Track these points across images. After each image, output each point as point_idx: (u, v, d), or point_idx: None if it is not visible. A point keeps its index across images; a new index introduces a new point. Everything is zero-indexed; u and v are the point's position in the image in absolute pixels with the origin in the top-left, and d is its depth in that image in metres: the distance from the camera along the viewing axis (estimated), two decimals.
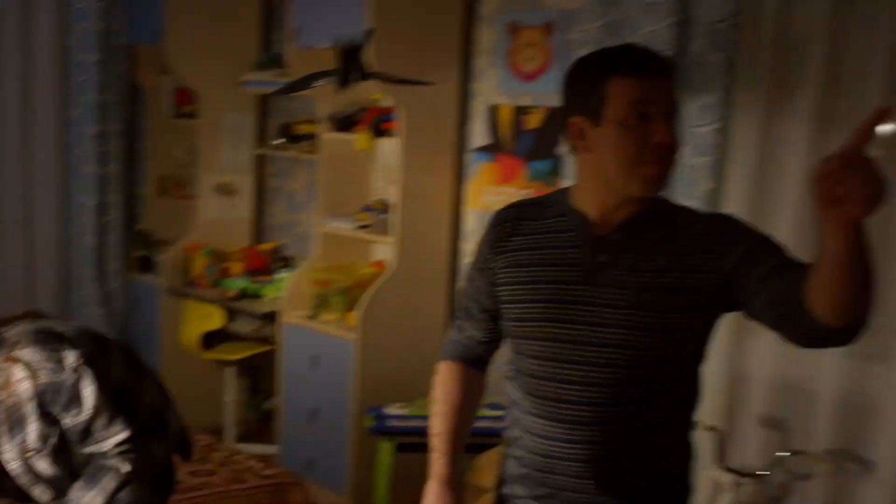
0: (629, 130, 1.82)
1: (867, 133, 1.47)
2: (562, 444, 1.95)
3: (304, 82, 3.38)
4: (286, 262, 5.26)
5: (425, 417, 3.85)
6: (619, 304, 1.90)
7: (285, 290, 4.58)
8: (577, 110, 1.88)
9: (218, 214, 5.29)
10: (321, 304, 4.47)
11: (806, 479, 3.39)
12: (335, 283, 4.46)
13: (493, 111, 4.32)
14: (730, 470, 3.31)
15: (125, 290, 5.45)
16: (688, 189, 3.36)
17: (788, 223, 3.32)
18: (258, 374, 5.42)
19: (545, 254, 1.99)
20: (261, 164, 5.46)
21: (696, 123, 3.35)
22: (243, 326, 5.00)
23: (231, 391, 5.03)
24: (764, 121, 3.39)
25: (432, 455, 2.14)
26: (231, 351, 5.00)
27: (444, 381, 2.20)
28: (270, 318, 4.75)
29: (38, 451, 2.28)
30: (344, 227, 4.50)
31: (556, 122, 4.06)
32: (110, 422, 2.28)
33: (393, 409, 3.96)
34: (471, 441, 2.21)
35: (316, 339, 4.43)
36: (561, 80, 1.94)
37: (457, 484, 2.14)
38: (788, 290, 1.74)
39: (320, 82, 3.34)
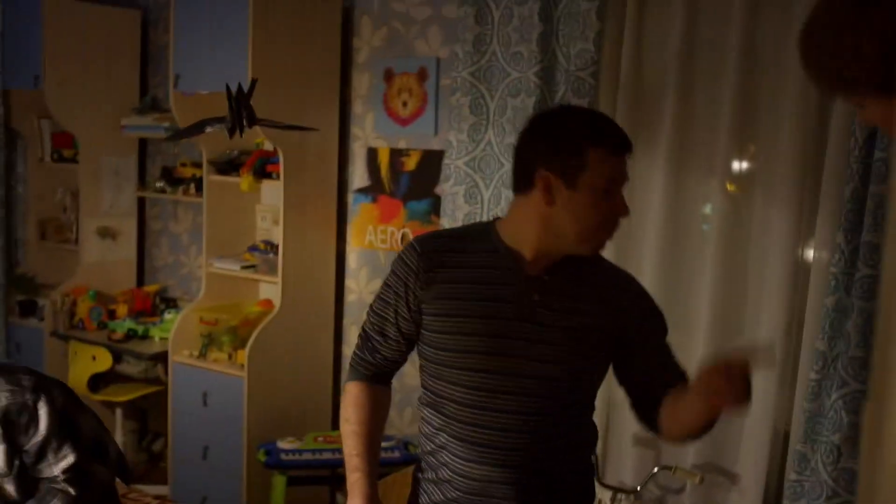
0: (600, 202, 1.98)
1: (751, 360, 1.87)
2: (492, 469, 2.08)
3: (197, 127, 3.46)
4: (171, 303, 5.33)
5: (316, 451, 4.03)
6: (553, 340, 2.05)
7: (173, 331, 4.64)
8: (548, 165, 1.98)
9: (101, 257, 5.32)
10: (210, 342, 4.56)
11: (678, 492, 3.64)
12: (223, 322, 4.55)
13: (372, 154, 4.50)
14: (607, 486, 3.51)
15: (7, 335, 5.43)
16: None
17: (650, 255, 3.59)
18: (146, 415, 5.47)
19: (477, 288, 2.09)
20: (143, 206, 5.51)
21: None
22: (131, 368, 5.03)
23: (119, 432, 5.06)
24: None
25: (353, 475, 2.15)
26: (119, 392, 5.02)
27: (358, 402, 2.22)
28: (158, 358, 4.81)
29: (5, 475, 2.34)
30: (230, 267, 4.58)
31: (432, 163, 4.27)
32: (60, 446, 2.35)
33: (284, 444, 4.08)
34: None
35: (205, 377, 4.49)
36: (528, 130, 2.05)
37: (379, 502, 2.21)
38: (653, 388, 2.14)
39: (213, 128, 3.44)
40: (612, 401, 3.65)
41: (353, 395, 2.23)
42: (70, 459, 2.37)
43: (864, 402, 2.94)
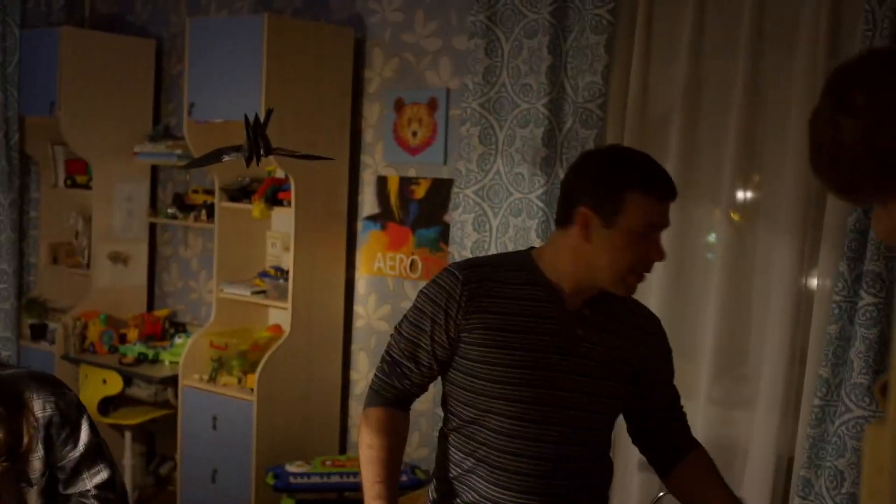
0: (635, 244, 2.02)
1: None
2: (519, 496, 2.13)
3: (214, 156, 3.53)
4: (180, 328, 5.38)
5: (324, 475, 4.07)
6: (593, 373, 2.13)
7: (183, 355, 4.70)
8: (588, 203, 2.03)
9: (112, 282, 5.39)
10: (220, 367, 4.61)
11: None
12: (233, 346, 4.61)
13: (382, 182, 4.58)
14: None
15: (18, 358, 5.48)
16: None
17: (655, 283, 3.64)
18: (154, 439, 5.52)
19: (520, 321, 2.11)
20: (154, 232, 5.59)
21: None
22: (141, 391, 5.08)
23: (128, 455, 5.10)
24: None
25: (374, 503, 2.12)
26: (129, 416, 5.07)
27: (382, 427, 2.19)
28: (169, 382, 4.87)
29: (33, 484, 2.38)
30: (240, 292, 4.65)
31: (441, 191, 4.34)
32: (94, 462, 2.39)
33: (293, 468, 4.13)
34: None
35: (215, 401, 4.54)
36: (576, 166, 2.12)
37: None
38: (659, 425, 2.32)
39: (230, 156, 3.51)
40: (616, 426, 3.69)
41: (376, 420, 2.20)
42: (104, 475, 2.39)
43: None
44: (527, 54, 3.80)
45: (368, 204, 4.63)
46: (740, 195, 3.57)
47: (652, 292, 3.64)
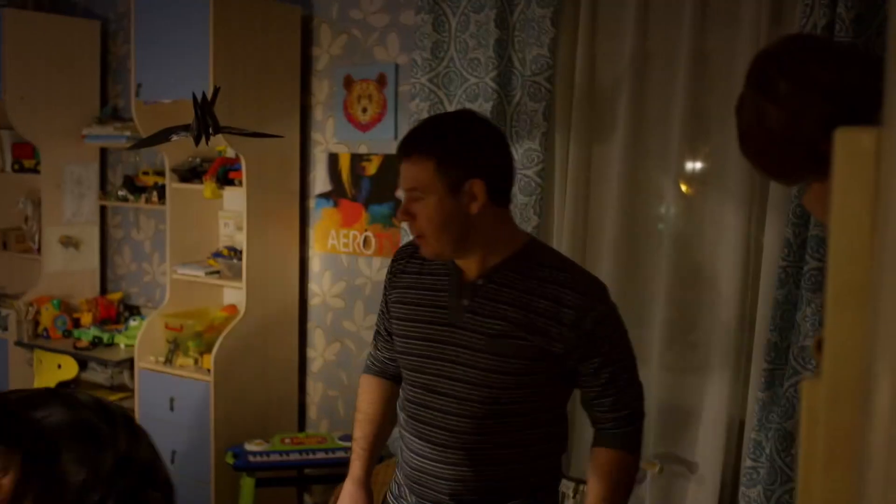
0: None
1: None
2: (432, 464, 2.20)
3: (162, 135, 3.51)
4: (134, 311, 5.36)
5: (283, 452, 4.09)
6: (476, 346, 2.12)
7: (139, 337, 4.68)
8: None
9: (64, 266, 5.34)
10: (176, 348, 4.60)
11: (638, 482, 3.74)
12: (189, 327, 4.59)
13: (333, 159, 4.57)
14: (568, 478, 3.62)
15: None
16: (520, 225, 3.69)
17: (608, 254, 3.69)
18: None
19: (424, 295, 2.23)
20: (105, 215, 5.54)
21: (522, 166, 3.70)
22: (97, 375, 5.06)
23: None
24: (581, 161, 3.77)
25: (351, 457, 2.41)
26: None
27: (364, 393, 2.47)
28: (125, 365, 4.85)
29: None
30: (194, 273, 4.63)
31: (392, 167, 4.34)
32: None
33: (252, 446, 4.13)
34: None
35: (172, 382, 4.52)
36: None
37: (368, 485, 2.37)
38: (592, 418, 2.26)
39: (178, 136, 3.49)
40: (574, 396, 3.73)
41: (362, 387, 2.49)
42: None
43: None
44: (474, 28, 3.81)
45: (320, 181, 4.63)
46: (689, 166, 3.61)
47: (604, 262, 3.68)
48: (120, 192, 5.21)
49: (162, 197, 4.88)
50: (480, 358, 2.12)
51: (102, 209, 5.50)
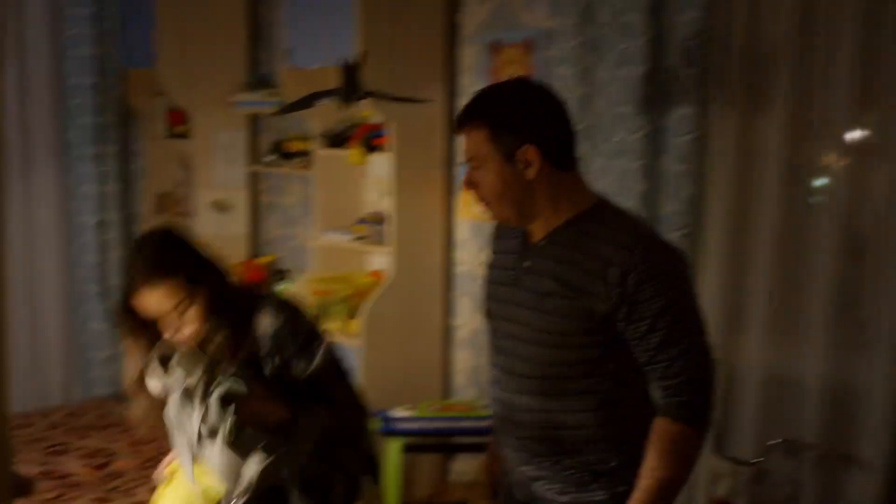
0: None
1: None
2: (503, 422, 2.31)
3: (308, 101, 3.54)
4: (282, 275, 5.45)
5: (430, 419, 4.10)
6: (529, 305, 2.18)
7: None
8: None
9: (215, 230, 5.45)
10: (323, 313, 4.66)
11: (799, 466, 3.60)
12: (336, 292, 4.65)
13: None
14: (727, 458, 3.52)
15: None
16: (672, 195, 3.60)
17: (767, 220, 3.55)
18: None
19: (500, 258, 2.34)
20: (254, 180, 5.64)
21: (675, 133, 3.59)
22: None
23: None
24: (739, 129, 3.60)
25: None
26: None
27: None
28: None
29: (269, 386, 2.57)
30: (341, 238, 4.69)
31: None
32: (319, 385, 2.59)
33: (399, 412, 4.16)
34: None
35: None
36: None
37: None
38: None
39: (323, 101, 3.51)
40: (729, 370, 3.63)
41: None
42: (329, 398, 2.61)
43: None
44: None
45: None
46: (854, 135, 3.42)
47: (761, 233, 3.54)
48: (268, 158, 5.30)
49: (309, 163, 4.93)
50: (533, 317, 2.16)
51: (251, 175, 5.60)
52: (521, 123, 2.12)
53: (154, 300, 2.51)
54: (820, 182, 3.51)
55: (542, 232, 2.19)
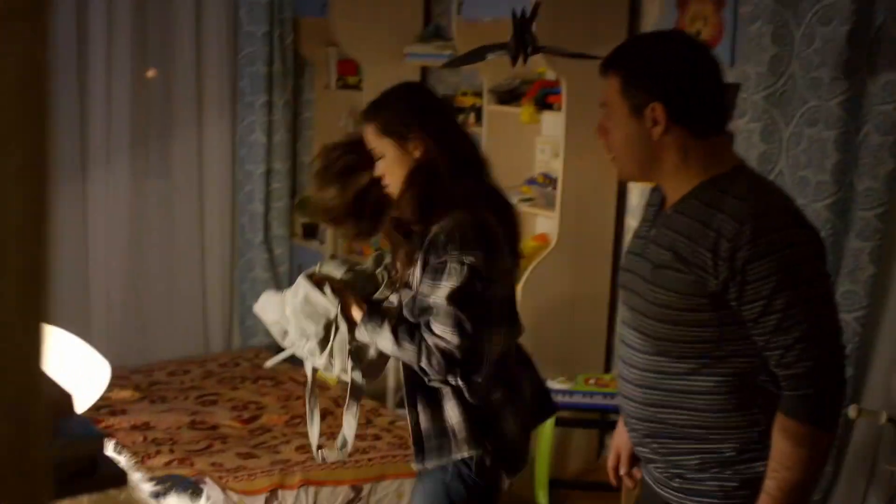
0: None
1: None
2: (624, 383, 2.18)
3: (478, 54, 3.38)
4: None
5: (587, 394, 3.90)
6: (645, 275, 2.07)
7: None
8: None
9: None
10: None
11: None
12: None
13: None
14: (869, 412, 3.23)
15: (290, 256, 5.64)
16: (869, 170, 3.28)
17: None
18: None
19: (640, 226, 2.25)
20: None
21: (879, 101, 3.25)
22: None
23: None
24: None
25: None
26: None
27: None
28: None
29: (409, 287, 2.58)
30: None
31: (726, 97, 3.99)
32: (444, 312, 2.43)
33: (555, 384, 3.98)
34: None
35: None
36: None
37: None
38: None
39: (494, 55, 3.34)
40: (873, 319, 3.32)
41: None
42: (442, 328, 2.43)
43: None
44: None
45: None
46: None
47: None
48: None
49: (479, 119, 4.79)
50: (647, 289, 2.06)
51: None
52: (653, 79, 2.02)
53: (370, 134, 2.60)
54: None
55: (672, 199, 2.09)
